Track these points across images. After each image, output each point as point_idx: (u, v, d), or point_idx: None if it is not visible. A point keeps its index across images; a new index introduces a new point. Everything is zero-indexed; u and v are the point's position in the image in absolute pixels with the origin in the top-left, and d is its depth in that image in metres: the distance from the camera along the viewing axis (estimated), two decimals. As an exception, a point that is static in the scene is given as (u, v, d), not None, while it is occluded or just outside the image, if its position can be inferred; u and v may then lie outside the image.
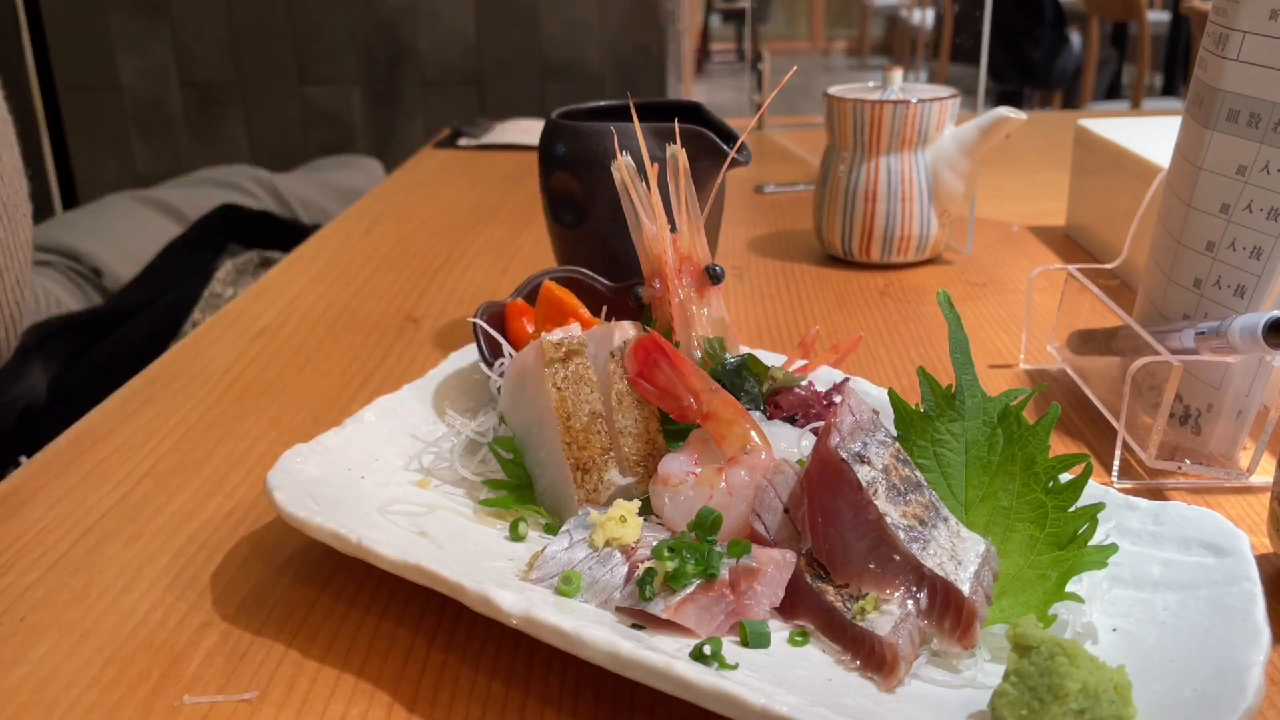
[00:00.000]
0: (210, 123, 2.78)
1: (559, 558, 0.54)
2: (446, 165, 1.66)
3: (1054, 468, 0.54)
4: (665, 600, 0.50)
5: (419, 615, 0.55)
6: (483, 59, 2.75)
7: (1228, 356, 0.64)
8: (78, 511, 0.65)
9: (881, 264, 1.09)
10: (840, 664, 0.49)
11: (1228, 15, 0.64)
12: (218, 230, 1.88)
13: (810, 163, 1.58)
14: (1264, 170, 0.63)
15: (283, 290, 1.05)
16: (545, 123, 0.87)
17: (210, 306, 1.68)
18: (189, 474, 0.70)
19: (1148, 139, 1.03)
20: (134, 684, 0.50)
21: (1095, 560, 0.52)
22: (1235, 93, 0.64)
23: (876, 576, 0.50)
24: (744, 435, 0.57)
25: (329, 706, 0.49)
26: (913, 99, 1.02)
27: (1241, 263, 0.64)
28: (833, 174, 1.08)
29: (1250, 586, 0.49)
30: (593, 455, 0.59)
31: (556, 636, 0.46)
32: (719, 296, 0.69)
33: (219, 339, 0.93)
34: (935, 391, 0.57)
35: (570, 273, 0.77)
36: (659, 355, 0.59)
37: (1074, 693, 0.42)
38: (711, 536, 0.53)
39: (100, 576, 0.58)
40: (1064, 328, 0.82)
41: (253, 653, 0.52)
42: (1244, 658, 0.44)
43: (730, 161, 0.78)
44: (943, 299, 0.59)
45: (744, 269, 1.11)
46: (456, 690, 0.50)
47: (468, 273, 1.11)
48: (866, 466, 0.51)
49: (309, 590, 0.57)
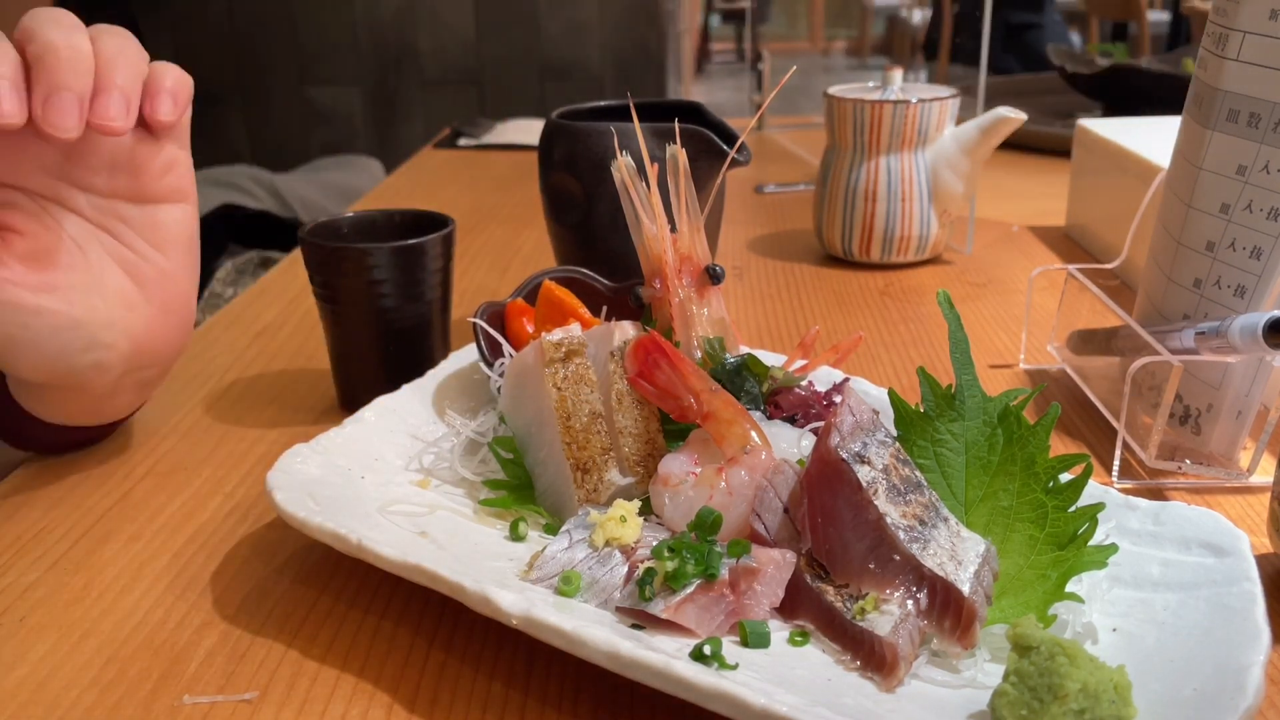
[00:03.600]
0: (210, 123, 2.78)
1: (559, 558, 0.54)
2: (446, 165, 1.66)
3: (1054, 468, 0.54)
4: (665, 600, 0.50)
5: (419, 615, 0.55)
6: (483, 59, 2.75)
7: (1228, 356, 0.64)
8: (78, 511, 0.65)
9: (881, 264, 1.09)
10: (840, 664, 0.49)
11: (1228, 15, 0.64)
12: (218, 230, 1.88)
13: (810, 163, 1.58)
14: (1264, 170, 0.63)
15: (283, 290, 1.05)
16: (545, 123, 0.87)
17: (210, 306, 1.68)
18: (189, 474, 0.70)
19: (1148, 139, 1.03)
20: (134, 684, 0.50)
21: (1095, 560, 0.52)
22: (1235, 93, 0.64)
23: (876, 576, 0.50)
24: (744, 435, 0.57)
25: (329, 706, 0.49)
26: (913, 99, 1.02)
27: (1241, 263, 0.64)
28: (833, 174, 1.08)
29: (1250, 586, 0.49)
30: (593, 455, 0.59)
31: (556, 636, 0.46)
32: (719, 296, 0.69)
33: (219, 339, 0.93)
34: (935, 391, 0.57)
35: (570, 273, 0.77)
36: (659, 355, 0.59)
37: (1074, 693, 0.42)
38: (711, 536, 0.53)
39: (100, 576, 0.58)
40: (1064, 328, 0.82)
41: (253, 653, 0.52)
42: (1244, 658, 0.44)
43: (730, 161, 0.78)
44: (943, 299, 0.59)
45: (744, 269, 1.11)
46: (456, 690, 0.50)
47: (468, 273, 1.11)
48: (866, 466, 0.51)
49: (309, 590, 0.57)
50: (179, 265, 0.64)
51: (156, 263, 0.63)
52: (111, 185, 0.61)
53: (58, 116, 0.53)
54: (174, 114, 0.59)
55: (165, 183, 0.62)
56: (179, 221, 0.64)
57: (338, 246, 0.72)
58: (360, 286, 0.72)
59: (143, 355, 0.64)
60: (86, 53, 0.55)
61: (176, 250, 0.64)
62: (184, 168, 0.63)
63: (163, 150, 0.61)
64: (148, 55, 0.59)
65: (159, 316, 0.64)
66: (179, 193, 0.63)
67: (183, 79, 0.60)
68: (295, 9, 2.70)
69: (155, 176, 0.62)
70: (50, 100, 0.53)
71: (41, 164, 0.59)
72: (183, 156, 0.63)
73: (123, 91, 0.56)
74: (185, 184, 0.64)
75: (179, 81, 0.60)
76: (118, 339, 0.62)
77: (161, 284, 0.63)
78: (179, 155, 0.63)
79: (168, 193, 0.63)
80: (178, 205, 0.63)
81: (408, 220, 0.77)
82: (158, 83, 0.59)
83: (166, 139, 0.62)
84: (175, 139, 0.62)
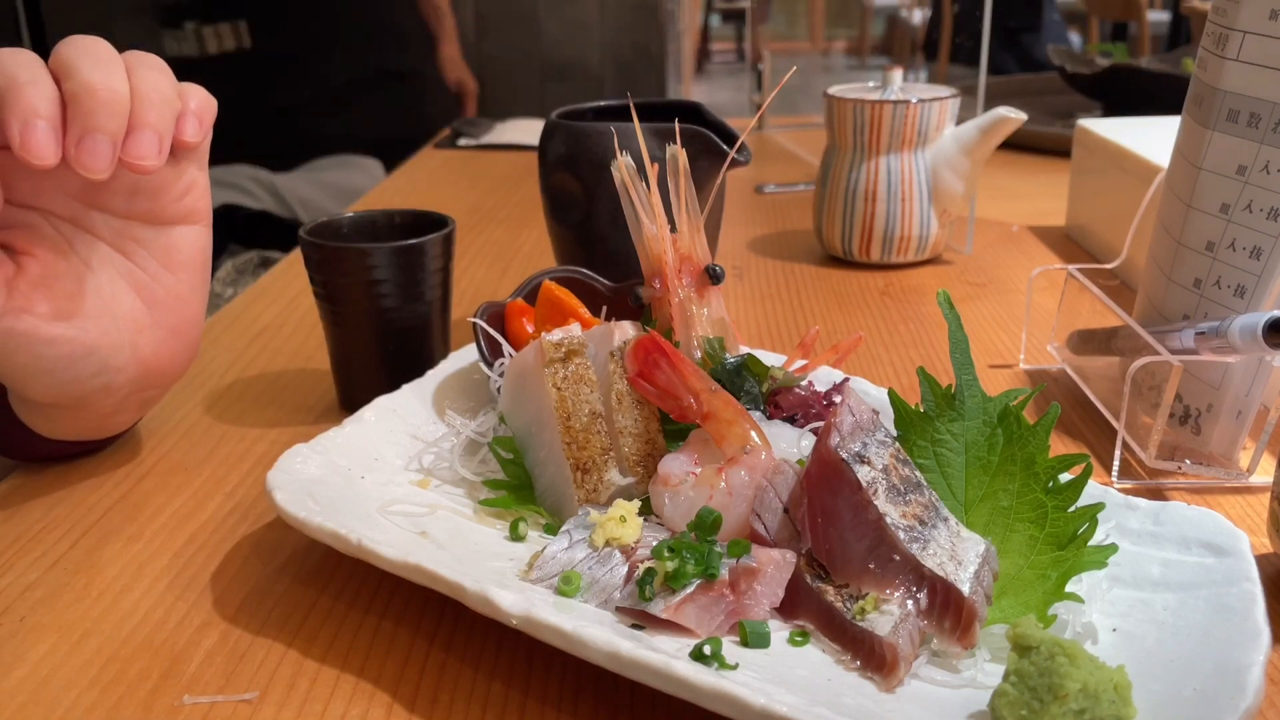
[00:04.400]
0: (210, 123, 2.77)
1: (559, 558, 0.54)
2: (446, 165, 1.66)
3: (1054, 468, 0.54)
4: (665, 600, 0.50)
5: (419, 615, 0.55)
6: (483, 59, 2.75)
7: (1228, 356, 0.64)
8: (78, 511, 0.65)
9: (881, 264, 1.09)
10: (840, 664, 0.49)
11: (1228, 15, 0.64)
12: (218, 230, 1.88)
13: (810, 163, 1.58)
14: (1264, 170, 0.63)
15: (283, 290, 1.05)
16: (545, 123, 0.87)
17: (210, 306, 1.68)
18: (189, 474, 0.70)
19: (1148, 139, 1.03)
20: (134, 684, 0.50)
21: (1095, 560, 0.52)
22: (1235, 93, 0.64)
23: (876, 576, 0.50)
24: (744, 435, 0.57)
25: (329, 706, 0.49)
26: (913, 99, 1.02)
27: (1241, 263, 0.64)
28: (833, 174, 1.09)
29: (1250, 586, 0.49)
30: (593, 455, 0.59)
31: (556, 636, 0.46)
32: (719, 296, 0.69)
33: (219, 339, 0.93)
34: (935, 391, 0.57)
35: (570, 273, 0.77)
36: (659, 355, 0.59)
37: (1074, 693, 0.42)
38: (711, 536, 0.53)
39: (100, 576, 0.58)
40: (1064, 328, 0.82)
41: (253, 653, 0.52)
42: (1244, 658, 0.44)
43: (730, 161, 0.78)
44: (943, 299, 0.59)
45: (744, 269, 1.11)
46: (456, 690, 0.50)
47: (468, 273, 1.11)
48: (866, 466, 0.51)
49: (309, 590, 0.57)
50: (190, 287, 0.64)
51: (168, 285, 0.63)
52: (130, 208, 0.60)
53: (91, 159, 0.53)
54: (199, 136, 0.59)
55: (183, 205, 0.62)
56: (193, 243, 0.64)
57: (338, 246, 0.72)
58: (360, 286, 0.72)
59: (150, 376, 0.64)
60: (123, 93, 0.54)
61: (189, 272, 0.64)
62: (202, 189, 0.63)
63: (184, 173, 0.61)
64: (179, 86, 0.59)
65: (168, 339, 0.63)
66: (195, 214, 0.63)
67: (208, 101, 0.60)
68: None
69: (174, 199, 0.61)
70: (84, 142, 0.53)
71: (65, 188, 0.59)
72: (201, 178, 0.63)
73: (155, 130, 0.55)
74: (201, 205, 0.63)
75: (203, 105, 0.60)
76: (127, 363, 0.62)
77: (172, 306, 0.63)
78: (198, 177, 0.63)
79: (184, 214, 0.62)
80: (192, 227, 0.63)
81: (408, 220, 0.77)
82: (184, 106, 0.59)
83: (188, 161, 0.61)
84: (195, 161, 0.62)
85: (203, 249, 0.65)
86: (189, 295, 0.64)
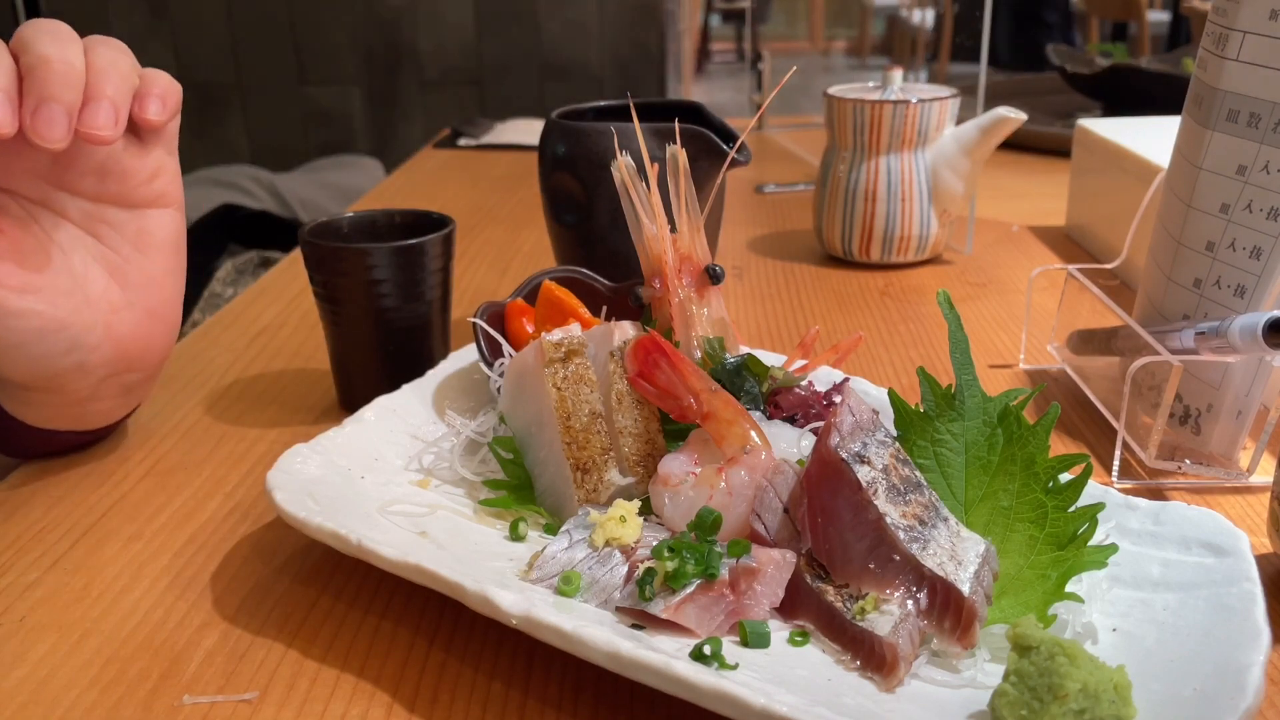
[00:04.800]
0: (210, 123, 2.78)
1: (559, 558, 0.54)
2: (446, 165, 1.66)
3: (1054, 468, 0.54)
4: (665, 600, 0.50)
5: (419, 615, 0.55)
6: (483, 59, 2.75)
7: (1228, 356, 0.64)
8: (78, 511, 0.65)
9: (881, 264, 1.09)
10: (840, 664, 0.49)
11: (1228, 15, 0.64)
12: (218, 230, 1.88)
13: (810, 163, 1.58)
14: (1264, 170, 0.63)
15: (283, 290, 1.05)
16: (545, 123, 0.87)
17: (210, 306, 1.68)
18: (189, 474, 0.70)
19: (1148, 139, 1.03)
20: (134, 684, 0.50)
21: (1095, 560, 0.52)
22: (1235, 93, 0.64)
23: (876, 576, 0.50)
24: (744, 435, 0.57)
25: (329, 706, 0.49)
26: (913, 99, 1.02)
27: (1241, 263, 0.64)
28: (833, 174, 1.08)
29: (1250, 586, 0.49)
30: (593, 455, 0.59)
31: (556, 636, 0.46)
32: (719, 296, 0.69)
33: (219, 339, 0.93)
34: (935, 391, 0.57)
35: (570, 273, 0.77)
36: (659, 355, 0.59)
37: (1074, 693, 0.42)
38: (711, 536, 0.53)
39: (100, 576, 0.58)
40: (1064, 328, 0.82)
41: (253, 653, 0.52)
42: (1244, 658, 0.44)
43: (730, 161, 0.78)
44: (943, 299, 0.59)
45: (744, 269, 1.11)
46: (456, 690, 0.50)
47: (468, 273, 1.11)
48: (866, 466, 0.51)
49: (309, 590, 0.57)
50: (165, 270, 0.65)
51: (142, 267, 0.64)
52: (100, 190, 0.61)
53: (45, 127, 0.54)
54: (163, 115, 0.60)
55: (153, 188, 0.63)
56: (165, 226, 0.64)
57: (338, 246, 0.72)
58: (360, 286, 0.72)
59: (127, 359, 0.64)
60: (78, 65, 0.56)
61: (162, 255, 0.64)
62: (171, 173, 0.64)
63: (150, 156, 0.62)
64: (139, 66, 0.60)
65: (144, 321, 0.64)
66: (166, 198, 0.64)
67: (172, 85, 0.61)
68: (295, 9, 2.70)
69: (143, 182, 0.62)
70: (39, 111, 0.54)
71: (32, 169, 0.59)
72: (170, 163, 0.64)
73: (112, 101, 0.56)
74: (173, 189, 0.64)
75: (168, 88, 0.61)
76: (101, 341, 0.62)
77: (147, 288, 0.64)
78: (167, 161, 0.64)
79: (155, 198, 0.63)
80: (164, 210, 0.64)
81: (408, 220, 0.77)
82: (147, 88, 0.60)
83: (155, 144, 0.62)
84: (163, 145, 0.63)
85: (175, 232, 0.65)
86: (163, 277, 0.65)
